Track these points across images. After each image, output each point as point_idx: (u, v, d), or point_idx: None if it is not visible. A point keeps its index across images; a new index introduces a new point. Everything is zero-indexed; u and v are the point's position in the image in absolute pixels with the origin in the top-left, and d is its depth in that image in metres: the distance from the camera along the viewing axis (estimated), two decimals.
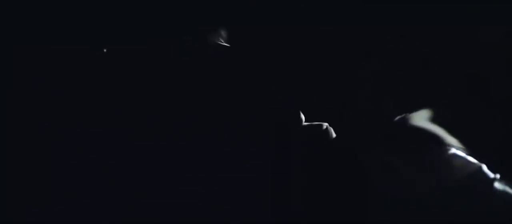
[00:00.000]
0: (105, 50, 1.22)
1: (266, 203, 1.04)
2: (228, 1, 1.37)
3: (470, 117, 1.21)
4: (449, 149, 1.00)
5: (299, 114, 1.12)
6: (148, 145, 1.09)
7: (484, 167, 0.98)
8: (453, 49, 1.34)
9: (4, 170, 1.14)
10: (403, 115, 1.07)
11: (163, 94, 1.12)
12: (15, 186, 1.13)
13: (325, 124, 1.10)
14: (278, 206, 1.04)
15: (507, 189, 0.96)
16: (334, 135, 1.11)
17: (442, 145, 1.01)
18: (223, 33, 1.33)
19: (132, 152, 1.09)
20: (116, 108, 1.14)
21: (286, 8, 1.38)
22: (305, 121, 1.12)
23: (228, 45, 1.19)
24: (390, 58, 1.36)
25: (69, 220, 1.09)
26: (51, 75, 1.20)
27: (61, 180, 1.11)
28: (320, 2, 1.38)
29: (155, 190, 1.08)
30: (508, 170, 1.04)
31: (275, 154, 1.07)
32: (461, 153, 1.00)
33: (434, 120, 1.05)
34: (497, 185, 0.96)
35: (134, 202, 1.08)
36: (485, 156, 1.01)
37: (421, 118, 1.06)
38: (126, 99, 1.14)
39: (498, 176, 0.98)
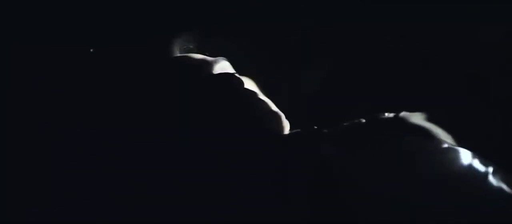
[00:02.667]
0: (91, 50, 1.22)
1: (267, 203, 1.04)
2: (228, 1, 1.37)
3: (470, 117, 1.21)
4: (443, 145, 1.00)
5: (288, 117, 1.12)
6: (148, 145, 1.09)
7: (477, 161, 0.98)
8: (453, 49, 1.34)
9: (4, 170, 1.14)
10: (401, 115, 1.07)
11: (163, 94, 1.12)
12: (15, 186, 1.13)
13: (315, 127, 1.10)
14: (279, 206, 1.04)
15: (501, 183, 0.96)
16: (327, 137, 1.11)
17: (438, 142, 1.01)
18: (223, 33, 1.33)
19: (132, 152, 1.09)
20: (116, 108, 1.14)
21: (286, 8, 1.38)
22: (302, 123, 1.12)
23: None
24: (390, 58, 1.37)
25: (69, 220, 1.09)
26: (51, 75, 1.20)
27: (61, 180, 1.11)
28: (320, 2, 1.38)
29: (155, 190, 1.08)
30: (508, 170, 1.04)
31: (275, 155, 1.07)
32: (455, 148, 0.99)
33: (434, 120, 1.06)
34: (491, 178, 0.96)
35: (134, 202, 1.08)
36: (485, 156, 1.01)
37: (420, 118, 1.06)
38: (126, 99, 1.14)
39: (491, 169, 0.97)
